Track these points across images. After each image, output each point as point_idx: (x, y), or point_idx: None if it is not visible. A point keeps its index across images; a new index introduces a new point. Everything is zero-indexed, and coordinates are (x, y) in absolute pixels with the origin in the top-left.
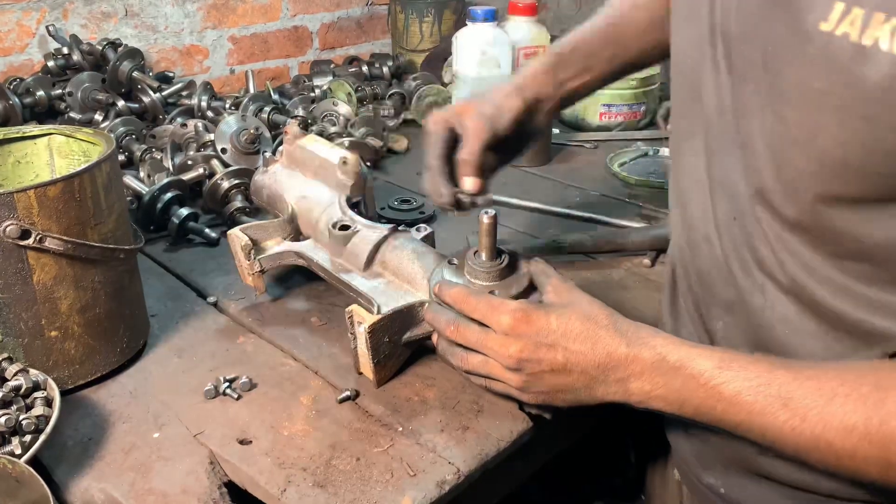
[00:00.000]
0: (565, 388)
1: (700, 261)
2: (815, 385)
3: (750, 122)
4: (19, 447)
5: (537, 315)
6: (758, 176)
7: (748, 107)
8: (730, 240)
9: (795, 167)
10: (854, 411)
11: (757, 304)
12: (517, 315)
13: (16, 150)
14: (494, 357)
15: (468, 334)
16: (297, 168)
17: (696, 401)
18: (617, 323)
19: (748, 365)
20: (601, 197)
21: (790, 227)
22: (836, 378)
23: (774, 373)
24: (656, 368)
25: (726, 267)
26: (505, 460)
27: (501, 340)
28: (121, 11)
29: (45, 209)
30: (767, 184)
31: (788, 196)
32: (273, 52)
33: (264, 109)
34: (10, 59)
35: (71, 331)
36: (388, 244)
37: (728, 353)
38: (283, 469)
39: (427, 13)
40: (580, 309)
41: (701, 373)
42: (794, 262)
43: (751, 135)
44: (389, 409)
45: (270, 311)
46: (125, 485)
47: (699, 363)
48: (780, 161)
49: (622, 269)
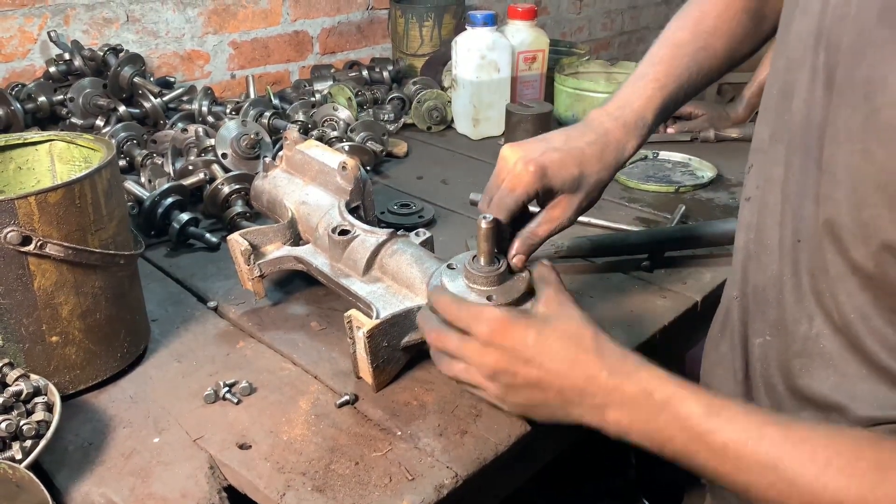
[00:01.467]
0: (540, 404)
1: (759, 273)
2: (809, 450)
3: (837, 148)
4: (20, 452)
5: (516, 328)
6: (833, 206)
7: (839, 132)
8: (790, 262)
9: (874, 209)
10: (848, 487)
11: (801, 332)
12: (494, 325)
13: (17, 157)
14: (473, 365)
15: (448, 342)
16: (297, 173)
17: (679, 444)
18: (601, 347)
19: (739, 416)
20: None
21: (853, 269)
22: (831, 446)
23: (765, 429)
24: (639, 404)
25: (779, 286)
26: (504, 463)
27: (479, 350)
28: (122, 17)
29: (45, 215)
30: (841, 218)
31: (860, 237)
32: (273, 57)
33: (265, 114)
34: (12, 64)
35: (72, 336)
36: (387, 249)
37: (718, 399)
38: (283, 473)
39: (427, 17)
40: (564, 326)
41: (688, 416)
42: (850, 304)
43: (834, 162)
44: (388, 414)
45: (270, 315)
46: (125, 490)
47: (687, 405)
48: (860, 199)
49: (621, 273)
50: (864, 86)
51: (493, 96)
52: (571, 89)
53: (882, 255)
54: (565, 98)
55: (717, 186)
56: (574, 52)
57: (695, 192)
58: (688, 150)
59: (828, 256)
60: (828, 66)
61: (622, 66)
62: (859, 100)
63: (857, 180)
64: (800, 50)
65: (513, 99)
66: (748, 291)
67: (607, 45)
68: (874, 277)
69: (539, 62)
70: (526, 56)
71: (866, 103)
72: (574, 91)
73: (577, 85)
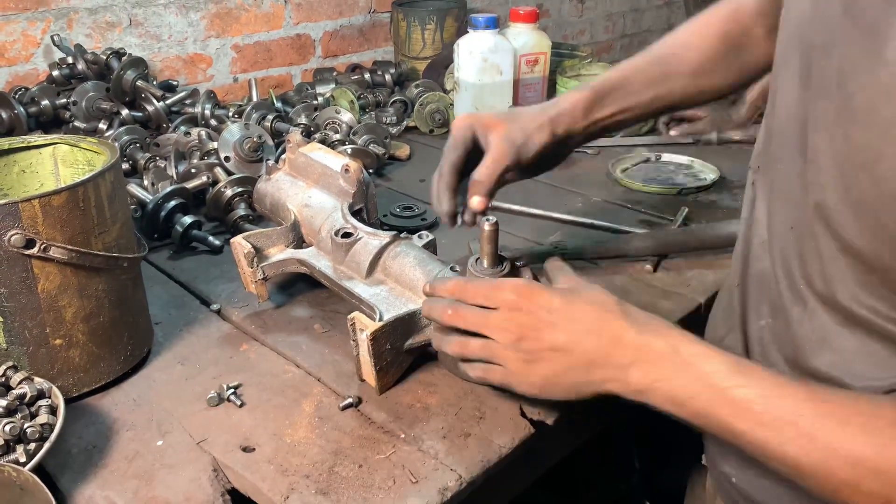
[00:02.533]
0: (564, 371)
1: (756, 262)
2: (829, 409)
3: (818, 137)
4: (24, 455)
5: (541, 291)
6: (820, 191)
7: (818, 122)
8: (784, 248)
9: (861, 190)
10: (866, 444)
11: (797, 314)
12: (520, 290)
13: (21, 160)
14: (495, 335)
15: (468, 315)
16: (300, 176)
17: (702, 401)
18: (626, 310)
19: (764, 375)
20: (603, 203)
21: (844, 249)
22: (852, 406)
23: (789, 387)
24: (666, 360)
25: (774, 272)
26: (507, 466)
27: (504, 315)
28: (125, 21)
29: (49, 218)
30: (830, 202)
31: (851, 218)
32: (276, 61)
33: (267, 117)
34: (16, 68)
35: (75, 339)
36: (390, 251)
37: (744, 360)
38: (286, 476)
39: (429, 21)
40: (588, 293)
41: (713, 373)
42: (842, 284)
43: (817, 150)
44: (392, 416)
45: (273, 318)
46: (129, 492)
47: (713, 363)
48: (847, 182)
49: (624, 275)
50: (837, 76)
51: (495, 99)
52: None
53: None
54: None
55: (719, 188)
56: (576, 54)
57: (697, 194)
58: (690, 152)
59: (820, 239)
60: (804, 65)
61: None
62: (833, 89)
63: (840, 164)
64: (783, 54)
65: (515, 102)
66: (748, 280)
67: (609, 48)
68: (863, 254)
69: (541, 65)
70: (528, 59)
71: (840, 91)
72: None
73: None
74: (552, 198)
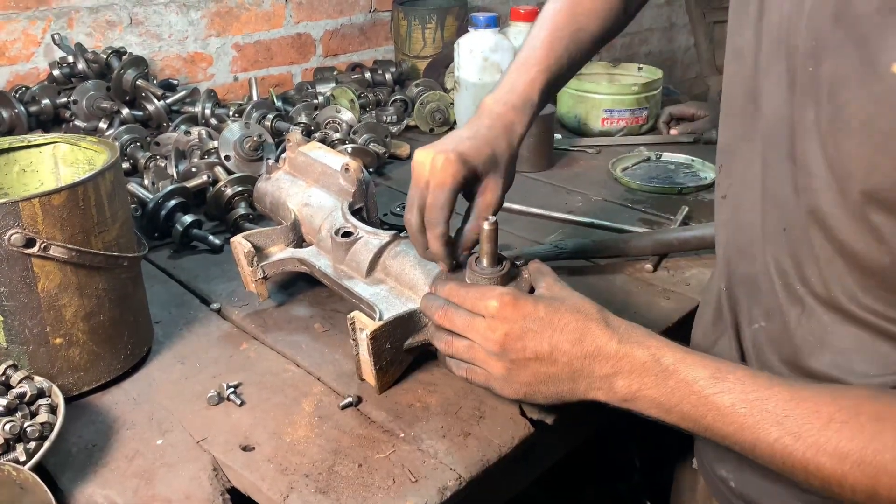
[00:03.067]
0: (547, 380)
1: (746, 264)
2: (812, 407)
3: (807, 143)
4: (24, 454)
5: (525, 300)
6: (814, 196)
7: (807, 129)
8: (778, 249)
9: (856, 196)
10: (850, 439)
11: (794, 316)
12: (504, 299)
13: (21, 159)
14: (480, 342)
15: (456, 318)
16: (300, 175)
17: (686, 407)
18: (607, 319)
19: (745, 378)
20: (603, 202)
21: (841, 251)
22: (833, 403)
23: (771, 389)
24: (648, 369)
25: (769, 274)
26: (507, 465)
27: (488, 324)
28: (125, 20)
29: (49, 217)
30: (825, 207)
31: (848, 222)
32: (276, 60)
33: (267, 116)
34: (16, 67)
35: (75, 338)
36: (390, 250)
37: (725, 364)
38: (286, 475)
39: (429, 20)
40: (571, 302)
41: (696, 380)
42: (840, 285)
43: (806, 154)
44: (391, 416)
45: (273, 317)
46: (129, 491)
47: (695, 370)
48: (840, 188)
49: (624, 275)
50: (828, 85)
51: None
52: (574, 90)
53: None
54: (568, 99)
55: None
56: None
57: (697, 193)
58: (690, 151)
59: (815, 242)
60: (789, 70)
61: (624, 68)
62: (823, 97)
63: (833, 172)
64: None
65: None
66: (735, 283)
67: (609, 47)
68: (861, 258)
69: None
70: None
71: (830, 101)
72: (576, 92)
73: (580, 86)
74: (552, 197)
